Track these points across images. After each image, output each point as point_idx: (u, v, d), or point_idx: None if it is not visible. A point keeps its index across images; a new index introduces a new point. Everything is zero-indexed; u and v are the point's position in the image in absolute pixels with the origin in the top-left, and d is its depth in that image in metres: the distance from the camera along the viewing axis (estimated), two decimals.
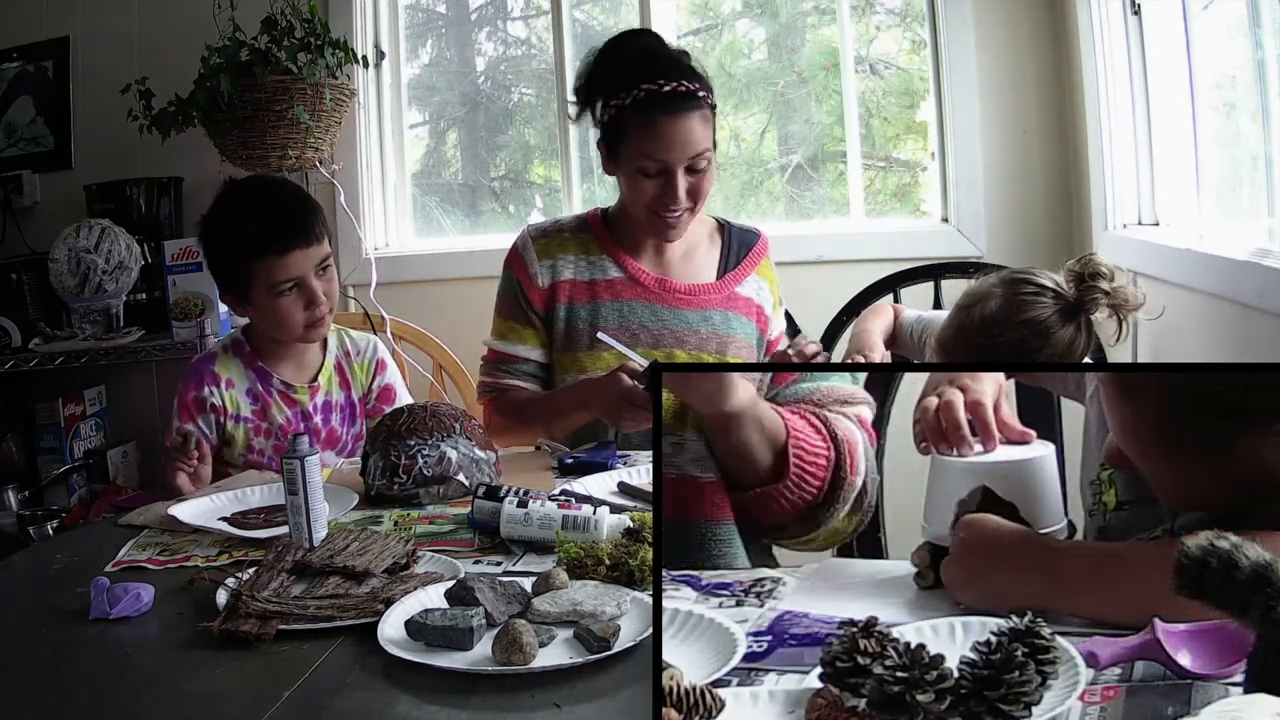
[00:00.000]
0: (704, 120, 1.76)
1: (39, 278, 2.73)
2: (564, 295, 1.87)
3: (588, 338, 1.84)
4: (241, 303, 1.87)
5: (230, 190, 1.91)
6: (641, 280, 1.87)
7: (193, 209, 2.91)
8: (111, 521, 1.55)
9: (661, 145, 1.74)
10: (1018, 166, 2.66)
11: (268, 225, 1.79)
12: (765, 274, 1.95)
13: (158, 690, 0.98)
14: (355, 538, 1.28)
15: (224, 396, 1.88)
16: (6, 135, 3.06)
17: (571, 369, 1.85)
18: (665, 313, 1.86)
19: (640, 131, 1.74)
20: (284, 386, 1.91)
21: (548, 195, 3.14)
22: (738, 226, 1.98)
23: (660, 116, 1.73)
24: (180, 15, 2.83)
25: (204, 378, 1.89)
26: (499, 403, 1.90)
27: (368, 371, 2.00)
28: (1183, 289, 1.96)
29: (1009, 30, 2.65)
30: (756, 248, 1.95)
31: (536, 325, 1.89)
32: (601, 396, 1.67)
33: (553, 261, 1.88)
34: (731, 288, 1.90)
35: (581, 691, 0.92)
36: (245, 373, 1.91)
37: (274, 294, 1.81)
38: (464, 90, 3.16)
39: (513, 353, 1.90)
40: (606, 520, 1.28)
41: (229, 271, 1.85)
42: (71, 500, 2.72)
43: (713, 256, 1.93)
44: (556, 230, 1.93)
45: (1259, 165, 1.83)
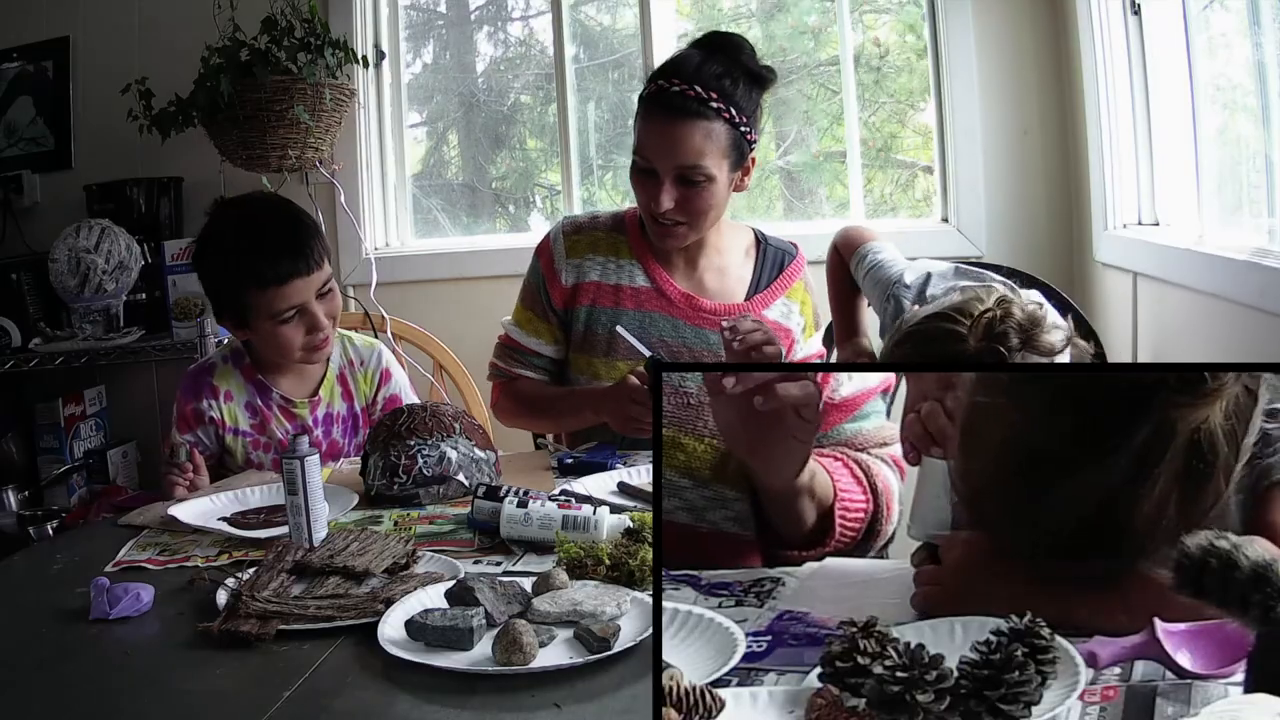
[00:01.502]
0: (708, 134, 1.65)
1: (39, 278, 2.73)
2: (587, 297, 1.82)
3: (605, 344, 1.79)
4: (240, 328, 1.81)
5: (223, 213, 1.82)
6: (668, 293, 1.80)
7: (193, 209, 2.91)
8: (111, 521, 1.55)
9: (649, 144, 1.68)
10: (1018, 167, 2.66)
11: (268, 255, 1.72)
12: (796, 296, 1.84)
13: (158, 690, 0.98)
14: (355, 538, 1.28)
15: (222, 410, 1.85)
16: (6, 135, 3.06)
17: (586, 371, 1.82)
18: (687, 330, 1.79)
19: (640, 125, 1.71)
20: (284, 401, 1.88)
21: (547, 196, 3.14)
22: (774, 244, 1.88)
23: (657, 114, 1.67)
24: (180, 15, 2.83)
25: (201, 390, 1.86)
26: (508, 387, 1.90)
27: (371, 382, 1.96)
28: (1183, 289, 1.95)
29: (1009, 30, 2.65)
30: (789, 269, 1.85)
31: (553, 321, 1.86)
32: (611, 400, 1.67)
33: (580, 261, 1.83)
34: (759, 311, 1.80)
35: (581, 691, 0.92)
36: (244, 385, 1.88)
37: (275, 322, 1.75)
38: (463, 91, 3.16)
39: (526, 344, 1.88)
40: (606, 520, 1.28)
41: (226, 298, 1.78)
42: (71, 500, 2.72)
43: (745, 274, 1.84)
44: (591, 227, 1.86)
45: (1259, 165, 1.83)
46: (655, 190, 1.69)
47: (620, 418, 1.66)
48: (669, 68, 1.70)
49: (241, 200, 1.90)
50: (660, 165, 1.68)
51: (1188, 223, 2.13)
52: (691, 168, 1.66)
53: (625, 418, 1.65)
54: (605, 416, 1.71)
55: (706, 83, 1.65)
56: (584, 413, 1.77)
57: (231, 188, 2.80)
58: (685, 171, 1.67)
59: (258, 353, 1.88)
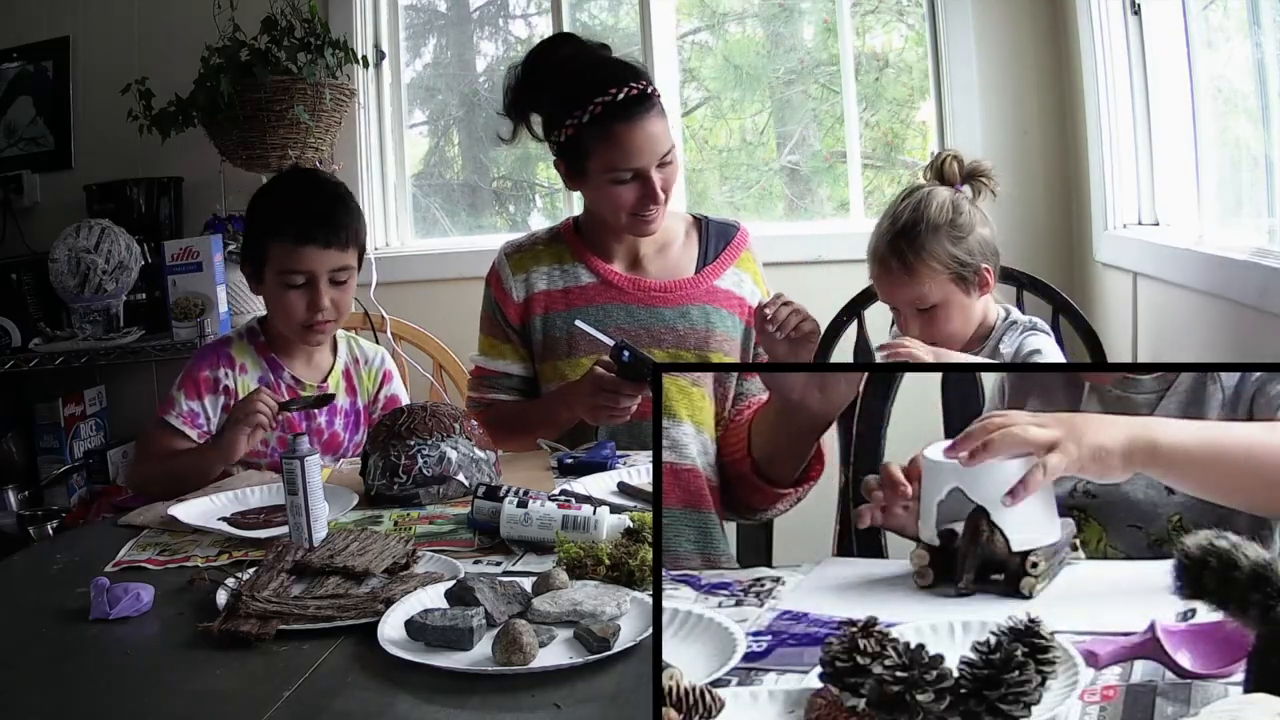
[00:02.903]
0: (661, 116, 1.75)
1: (39, 278, 2.73)
2: (540, 306, 1.86)
3: (566, 345, 1.83)
4: (255, 277, 1.88)
5: (288, 172, 1.98)
6: (614, 282, 1.86)
7: (193, 209, 2.92)
8: (111, 521, 1.55)
9: (631, 154, 1.73)
10: (1018, 166, 2.66)
11: (295, 211, 1.81)
12: (746, 266, 1.92)
13: (158, 690, 0.98)
14: (355, 538, 1.27)
15: (237, 381, 1.88)
16: (6, 135, 3.07)
17: (553, 378, 1.85)
18: (641, 312, 1.84)
19: (605, 145, 1.73)
20: (294, 382, 1.91)
21: (547, 196, 3.15)
22: (716, 220, 1.95)
23: (621, 126, 1.71)
24: (180, 15, 2.83)
25: (220, 359, 1.88)
26: (487, 415, 1.89)
27: (374, 381, 2.00)
28: (1183, 289, 1.95)
29: (1009, 30, 2.65)
30: (735, 240, 1.92)
31: (514, 340, 1.89)
32: (578, 392, 1.70)
33: (526, 275, 1.88)
34: (710, 281, 1.87)
35: (581, 691, 0.92)
36: (258, 361, 1.91)
37: (281, 281, 1.82)
38: (464, 90, 3.16)
39: (495, 368, 1.91)
40: (606, 520, 1.28)
41: (251, 243, 1.88)
42: (71, 500, 2.72)
43: (690, 252, 1.91)
44: (531, 244, 1.92)
45: (1259, 165, 1.83)
46: (647, 189, 1.75)
47: (590, 408, 1.68)
48: (599, 78, 1.74)
49: (310, 170, 2.06)
50: (647, 163, 1.74)
51: (1188, 223, 2.13)
52: (667, 152, 1.76)
53: (595, 407, 1.67)
54: (577, 410, 1.72)
55: (628, 74, 1.75)
56: (558, 414, 1.79)
57: (231, 188, 2.81)
58: (663, 159, 1.76)
59: (271, 330, 1.93)
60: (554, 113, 1.78)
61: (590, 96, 1.72)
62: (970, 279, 1.79)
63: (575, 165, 1.79)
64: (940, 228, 1.76)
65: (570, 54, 1.82)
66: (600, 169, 1.75)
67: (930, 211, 1.76)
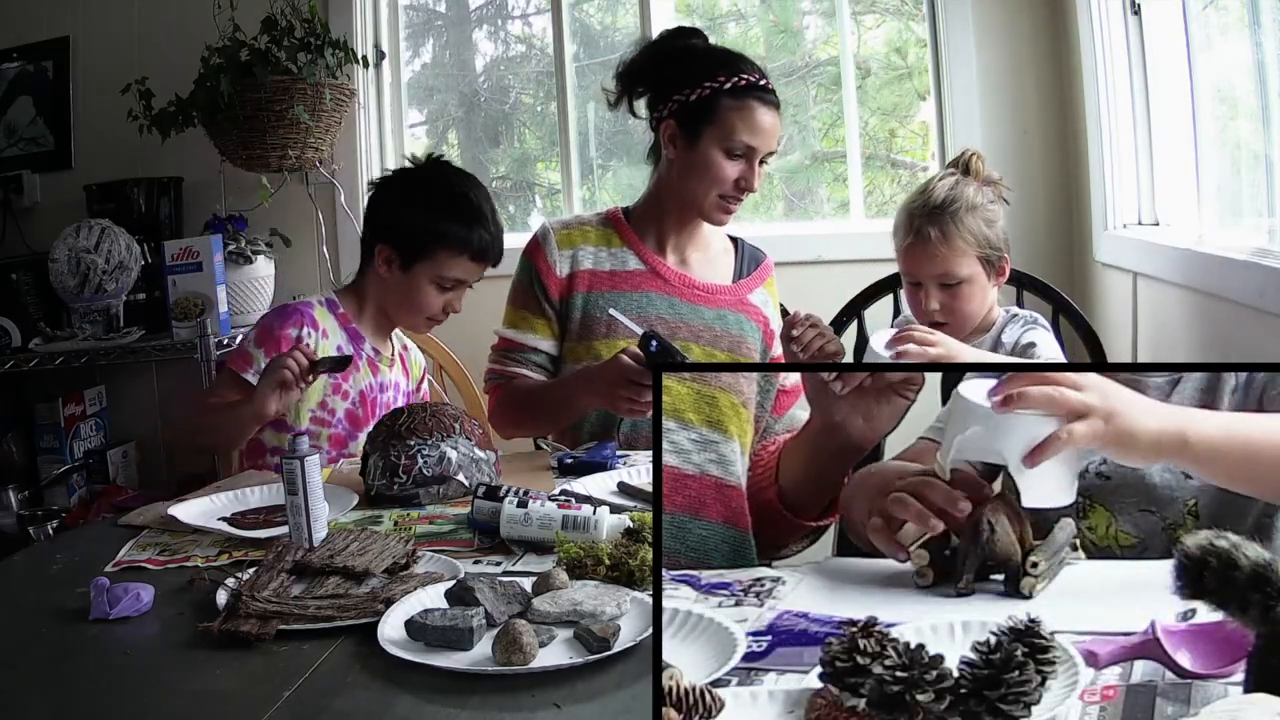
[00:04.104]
0: (780, 122, 1.85)
1: (39, 278, 2.73)
2: (583, 284, 1.87)
3: (605, 326, 1.83)
4: (392, 260, 1.89)
5: (447, 167, 1.97)
6: (663, 274, 1.88)
7: (193, 209, 2.92)
8: (111, 521, 1.55)
9: (755, 131, 1.80)
10: (1018, 166, 2.66)
11: (478, 229, 1.88)
12: (770, 290, 1.98)
13: (158, 690, 0.98)
14: (355, 538, 1.27)
15: (319, 344, 1.89)
16: (6, 135, 3.07)
17: (586, 358, 1.82)
18: (683, 307, 1.86)
19: (736, 113, 1.79)
20: (373, 353, 1.96)
21: (547, 195, 3.15)
22: (748, 243, 2.02)
23: (757, 103, 1.80)
24: (180, 15, 2.83)
25: (304, 319, 1.90)
26: (505, 391, 1.88)
27: (418, 370, 2.11)
28: (1183, 289, 1.95)
29: (1009, 30, 2.65)
30: (764, 265, 1.99)
31: (549, 316, 1.88)
32: (603, 378, 1.67)
33: (573, 251, 1.89)
34: (745, 294, 1.93)
35: (581, 691, 0.92)
36: (339, 329, 1.94)
37: (436, 282, 1.88)
38: (464, 90, 3.17)
39: (522, 341, 1.88)
40: (606, 520, 1.28)
41: (407, 234, 1.88)
42: (71, 500, 2.72)
43: (728, 263, 1.96)
44: (578, 223, 1.95)
45: (1259, 165, 1.83)
46: (750, 170, 1.82)
47: (612, 397, 1.65)
48: (742, 64, 1.83)
49: (464, 172, 2.03)
50: (761, 145, 1.81)
51: (1188, 223, 2.13)
52: (772, 152, 1.86)
53: (618, 397, 1.64)
54: (598, 397, 1.70)
55: (765, 77, 1.84)
56: (579, 398, 1.77)
57: (231, 188, 2.81)
58: (766, 155, 1.85)
59: (352, 305, 1.97)
60: (688, 76, 1.82)
61: (736, 71, 1.81)
62: (994, 263, 1.86)
63: (693, 127, 1.82)
64: (977, 208, 1.84)
65: (703, 43, 1.91)
66: (718, 135, 1.80)
67: (969, 192, 1.85)
